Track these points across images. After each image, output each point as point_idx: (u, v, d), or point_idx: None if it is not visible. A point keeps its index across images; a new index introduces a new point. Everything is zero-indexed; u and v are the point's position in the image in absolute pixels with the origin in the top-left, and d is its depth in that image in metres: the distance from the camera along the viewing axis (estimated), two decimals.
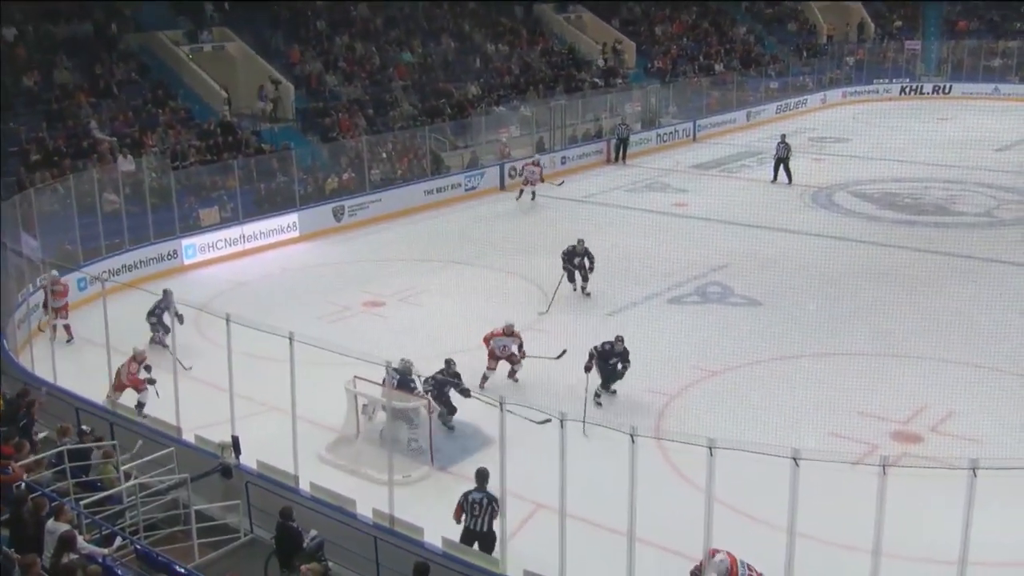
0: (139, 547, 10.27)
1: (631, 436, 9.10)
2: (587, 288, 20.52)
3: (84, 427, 12.97)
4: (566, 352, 16.12)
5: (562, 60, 41.19)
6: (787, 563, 8.74)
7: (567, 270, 20.30)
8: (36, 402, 13.17)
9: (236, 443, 12.17)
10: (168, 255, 23.17)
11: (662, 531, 10.92)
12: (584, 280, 20.47)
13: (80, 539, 9.62)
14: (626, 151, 35.12)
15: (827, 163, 33.45)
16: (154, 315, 17.57)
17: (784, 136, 31.69)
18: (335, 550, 10.62)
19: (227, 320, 12.25)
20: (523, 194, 29.66)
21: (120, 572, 9.37)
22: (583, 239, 20.39)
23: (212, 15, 32.82)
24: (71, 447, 11.94)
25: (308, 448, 12.97)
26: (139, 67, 29.80)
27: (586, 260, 20.33)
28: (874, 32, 52.76)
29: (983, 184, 29.76)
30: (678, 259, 22.30)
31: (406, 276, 22.57)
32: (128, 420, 13.48)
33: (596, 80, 40.36)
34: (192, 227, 24.28)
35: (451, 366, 14.78)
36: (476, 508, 10.82)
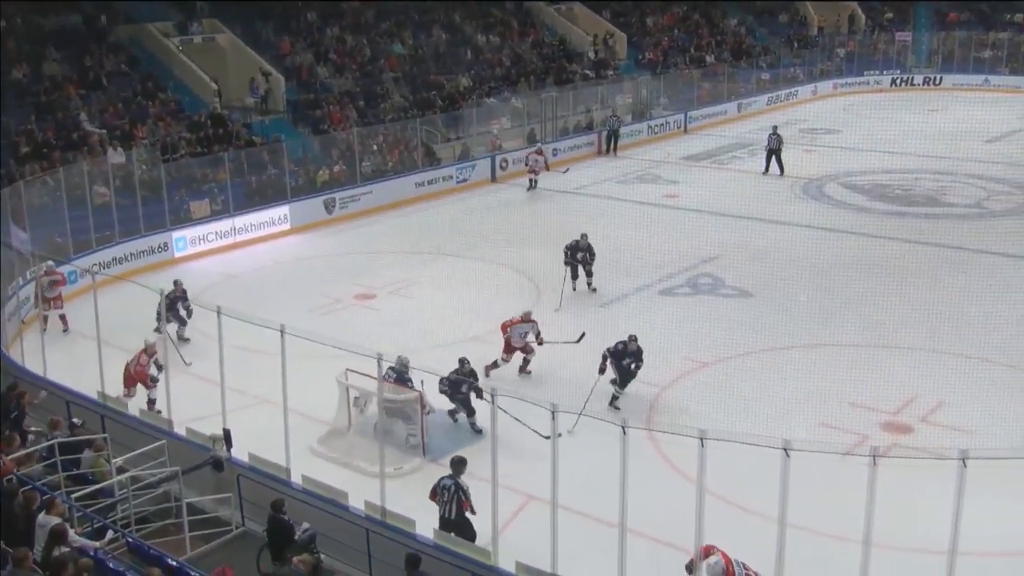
0: (131, 540, 10.26)
1: (622, 428, 9.13)
2: (592, 283, 20.19)
3: (75, 420, 12.96)
4: (585, 335, 16.20)
5: (553, 52, 41.16)
6: (778, 554, 8.77)
7: (570, 264, 19.95)
8: (27, 395, 13.16)
9: (228, 436, 12.18)
10: (159, 248, 23.11)
11: (654, 522, 10.98)
12: (588, 276, 20.12)
13: (71, 532, 9.62)
14: (617, 143, 35.14)
15: (818, 154, 33.45)
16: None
17: (776, 127, 31.70)
18: (327, 542, 10.65)
19: (218, 313, 12.22)
20: (532, 183, 29.87)
21: (112, 565, 9.35)
22: (586, 234, 20.04)
23: (202, 7, 32.68)
24: (62, 440, 11.93)
25: (300, 441, 12.96)
26: (129, 59, 29.69)
27: (588, 255, 19.96)
28: (865, 24, 52.82)
29: (973, 175, 29.89)
30: (669, 250, 22.33)
31: (397, 268, 22.56)
32: (118, 413, 13.44)
33: (587, 72, 40.31)
34: (183, 220, 24.22)
35: (465, 365, 14.31)
36: (445, 494, 10.94)
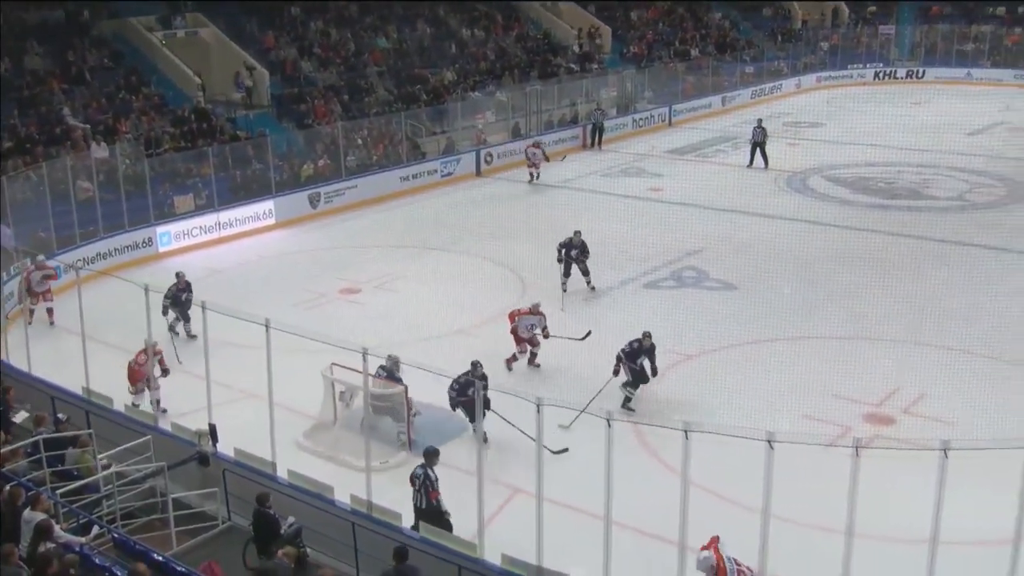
0: (116, 535, 10.26)
1: (607, 420, 9.16)
2: (590, 282, 19.90)
3: (60, 415, 12.93)
4: (591, 333, 16.26)
5: (538, 45, 41.15)
6: (762, 544, 8.83)
7: (564, 262, 19.56)
8: (11, 390, 13.12)
9: (213, 431, 12.18)
10: (143, 243, 23.04)
11: (639, 515, 11.04)
12: (585, 274, 19.77)
13: (57, 528, 9.60)
14: (601, 137, 35.17)
15: (801, 147, 33.56)
16: (168, 298, 16.98)
17: (761, 120, 31.82)
18: (313, 536, 10.67)
19: (203, 308, 12.21)
20: (534, 176, 29.94)
21: (98, 561, 9.35)
22: (579, 231, 19.71)
23: (185, 1, 32.54)
24: (47, 436, 11.89)
25: (285, 435, 12.97)
26: (112, 53, 29.55)
27: (581, 253, 19.56)
28: (848, 17, 53.01)
29: (956, 168, 30.03)
30: (654, 244, 22.38)
31: (382, 262, 22.55)
32: (103, 408, 13.40)
33: (572, 65, 40.35)
34: (167, 214, 24.14)
35: (478, 368, 13.59)
36: (415, 482, 11.06)
